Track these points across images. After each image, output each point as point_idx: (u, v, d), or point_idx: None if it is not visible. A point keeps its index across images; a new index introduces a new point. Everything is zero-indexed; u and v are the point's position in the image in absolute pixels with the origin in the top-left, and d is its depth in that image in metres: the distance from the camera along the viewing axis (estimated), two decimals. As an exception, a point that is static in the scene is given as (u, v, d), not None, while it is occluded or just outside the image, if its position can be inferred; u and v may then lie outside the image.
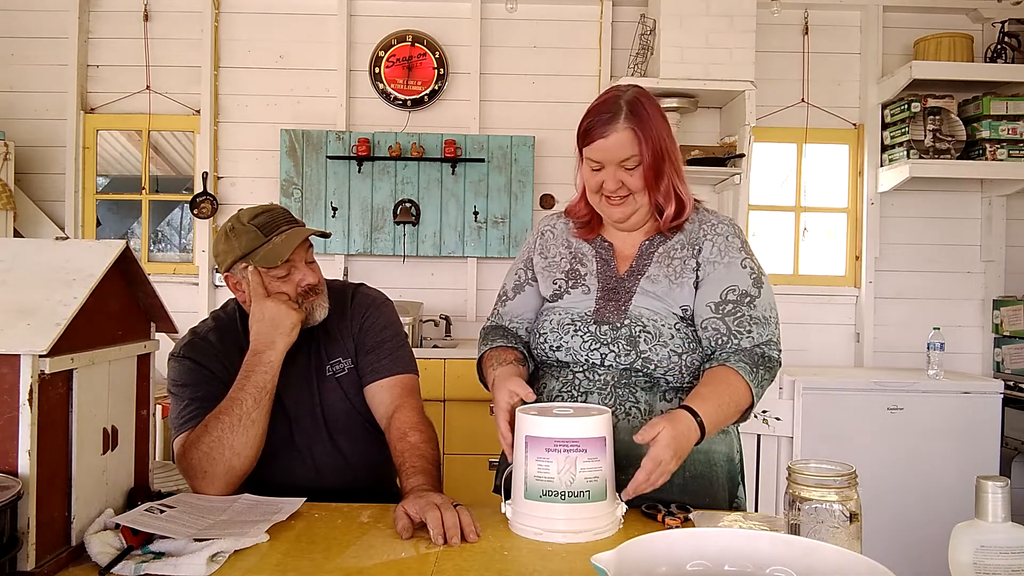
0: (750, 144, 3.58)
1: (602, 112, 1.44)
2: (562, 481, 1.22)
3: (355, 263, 4.00)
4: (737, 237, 1.52)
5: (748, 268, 1.49)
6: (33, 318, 1.06)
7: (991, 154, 3.59)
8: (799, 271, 4.04)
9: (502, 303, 1.65)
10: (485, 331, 1.65)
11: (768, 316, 1.48)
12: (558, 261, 1.59)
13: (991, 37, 3.82)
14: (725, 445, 1.53)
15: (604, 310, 1.49)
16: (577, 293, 1.53)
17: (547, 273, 1.59)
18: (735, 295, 1.46)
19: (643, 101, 1.45)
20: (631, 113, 1.43)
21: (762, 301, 1.48)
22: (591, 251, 1.58)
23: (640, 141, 1.42)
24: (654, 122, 1.44)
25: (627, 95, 1.46)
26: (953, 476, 3.22)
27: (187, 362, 1.59)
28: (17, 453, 1.02)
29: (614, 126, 1.42)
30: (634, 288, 1.49)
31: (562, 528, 1.23)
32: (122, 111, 3.98)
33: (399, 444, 1.50)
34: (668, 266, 1.50)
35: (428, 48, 3.96)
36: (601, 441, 1.25)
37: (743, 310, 1.46)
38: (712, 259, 1.49)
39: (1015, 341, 3.76)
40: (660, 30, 3.59)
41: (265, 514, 1.30)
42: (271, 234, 1.56)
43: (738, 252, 1.50)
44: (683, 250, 1.51)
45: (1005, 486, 0.91)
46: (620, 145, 1.43)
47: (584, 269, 1.55)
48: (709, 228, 1.53)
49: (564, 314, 1.52)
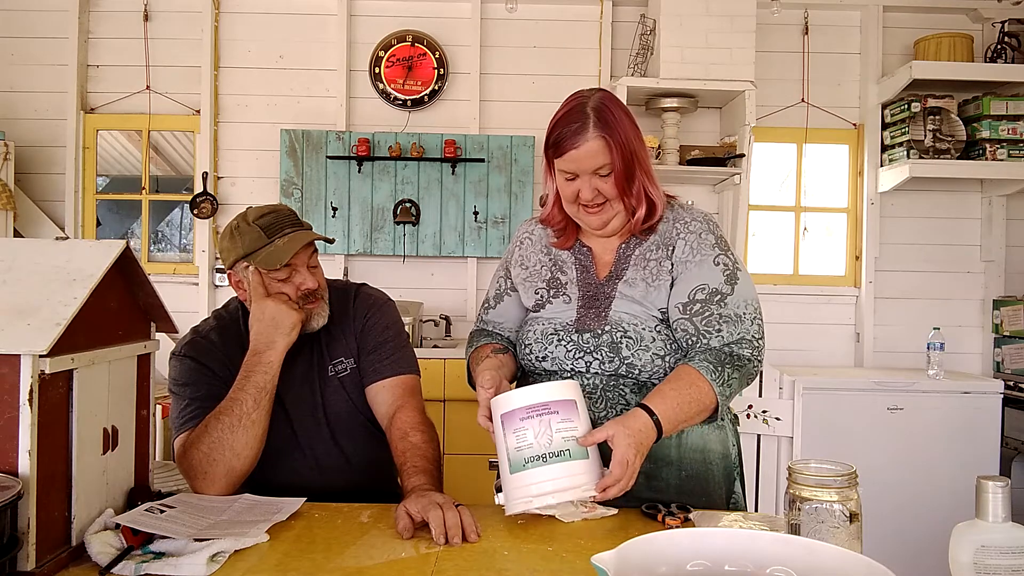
0: (750, 144, 3.58)
1: (570, 122, 1.41)
2: (540, 444, 1.25)
3: (355, 263, 4.00)
4: (711, 233, 1.50)
5: (721, 264, 1.47)
6: (33, 318, 1.06)
7: (991, 154, 3.59)
8: (799, 271, 4.04)
9: (485, 311, 1.68)
10: (470, 336, 1.68)
11: (742, 313, 1.44)
12: (539, 270, 1.58)
13: (991, 37, 3.82)
14: (720, 443, 1.52)
15: (585, 318, 1.49)
16: (559, 302, 1.53)
17: (528, 284, 1.58)
18: (704, 294, 1.45)
19: (609, 106, 1.43)
20: (599, 120, 1.40)
21: (735, 299, 1.45)
22: (570, 257, 1.57)
23: (611, 149, 1.40)
24: (622, 126, 1.42)
25: (592, 101, 1.43)
26: (953, 476, 3.22)
27: (188, 361, 1.59)
28: (17, 453, 1.02)
29: (584, 136, 1.40)
30: (613, 293, 1.49)
31: (550, 489, 1.24)
32: (122, 111, 3.98)
33: (400, 444, 1.50)
34: (644, 268, 1.49)
35: (428, 48, 3.96)
36: (572, 404, 1.29)
37: (712, 309, 1.43)
38: (684, 258, 1.48)
39: (1015, 341, 3.76)
40: (660, 30, 3.59)
41: (265, 514, 1.30)
42: (274, 236, 1.56)
43: (711, 249, 1.48)
44: (658, 251, 1.50)
45: (1005, 486, 0.91)
46: (592, 154, 1.40)
47: (564, 277, 1.55)
48: (682, 226, 1.51)
49: (547, 324, 1.52)
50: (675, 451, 1.46)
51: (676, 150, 3.70)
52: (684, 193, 3.88)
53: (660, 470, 1.46)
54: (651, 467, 1.43)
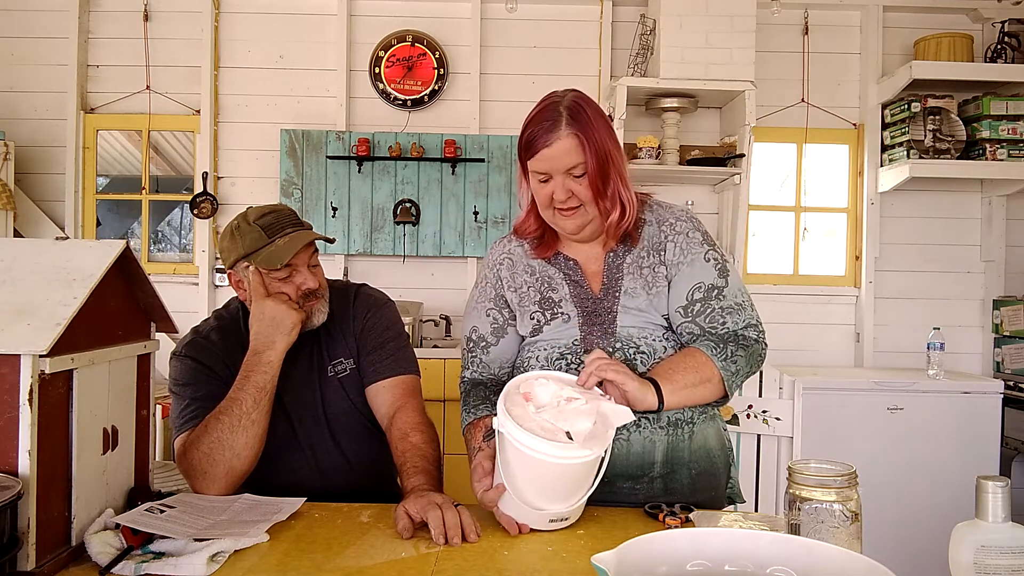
0: (750, 144, 3.58)
1: (542, 120, 1.38)
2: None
3: (355, 263, 4.00)
4: (697, 231, 1.50)
5: (712, 260, 1.47)
6: (33, 318, 1.06)
7: (991, 154, 3.59)
8: (799, 271, 4.04)
9: (483, 351, 1.55)
10: (466, 389, 1.57)
11: (740, 302, 1.46)
12: (527, 291, 1.51)
13: (991, 37, 3.82)
14: (716, 438, 1.53)
15: (590, 336, 1.45)
16: (557, 323, 1.47)
17: (522, 309, 1.51)
18: (701, 292, 1.45)
19: (583, 105, 1.39)
20: (572, 119, 1.37)
21: (730, 289, 1.46)
22: (558, 273, 1.50)
23: (584, 147, 1.36)
24: (596, 125, 1.38)
25: (566, 100, 1.40)
26: (953, 476, 3.22)
27: (189, 361, 1.59)
28: (17, 453, 1.02)
29: (556, 133, 1.36)
30: (615, 307, 1.46)
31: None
32: (122, 111, 3.97)
33: (400, 444, 1.50)
34: (641, 276, 1.47)
35: (428, 48, 3.96)
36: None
37: (712, 304, 1.45)
38: (676, 260, 1.47)
39: (1015, 341, 3.76)
40: (660, 30, 3.59)
41: (265, 514, 1.30)
42: (275, 236, 1.56)
43: (700, 247, 1.48)
44: (650, 257, 1.48)
45: (1005, 486, 0.91)
46: (565, 152, 1.37)
47: (556, 295, 1.49)
48: (668, 228, 1.50)
49: (550, 348, 1.47)
50: (687, 453, 1.47)
51: (676, 150, 3.70)
52: (684, 193, 3.88)
53: (676, 472, 1.46)
54: (668, 471, 1.45)
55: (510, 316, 1.54)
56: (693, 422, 1.46)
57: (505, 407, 1.24)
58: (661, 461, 1.44)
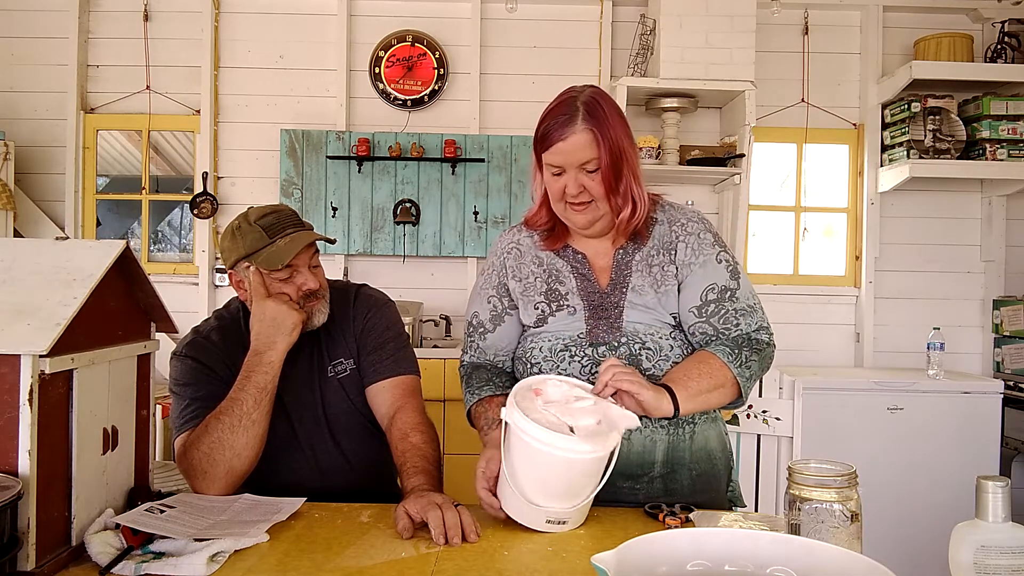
0: (750, 144, 3.58)
1: (559, 114, 1.39)
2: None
3: (355, 263, 4.00)
4: (708, 232, 1.51)
5: (724, 262, 1.48)
6: (33, 318, 1.06)
7: (991, 154, 3.59)
8: (799, 271, 4.04)
9: (480, 336, 1.56)
10: (467, 372, 1.58)
11: (752, 304, 1.48)
12: (533, 282, 1.51)
13: (991, 37, 3.82)
14: (717, 440, 1.53)
15: (597, 329, 1.45)
16: (562, 315, 1.47)
17: (526, 298, 1.51)
18: (715, 293, 1.46)
19: (600, 101, 1.41)
20: (588, 114, 1.38)
21: (742, 291, 1.47)
22: (566, 266, 1.51)
23: (599, 143, 1.37)
24: (611, 122, 1.39)
25: (583, 96, 1.41)
26: (953, 476, 3.22)
27: (189, 361, 1.59)
28: (17, 453, 1.02)
29: (572, 128, 1.38)
30: (621, 302, 1.46)
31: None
32: (122, 111, 3.97)
33: (400, 444, 1.50)
34: (649, 275, 1.47)
35: (428, 48, 3.95)
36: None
37: (726, 306, 1.45)
38: (688, 261, 1.47)
39: (1015, 341, 3.76)
40: (660, 30, 3.59)
41: (265, 514, 1.30)
42: (276, 236, 1.56)
43: (712, 248, 1.49)
44: (660, 255, 1.48)
45: (1005, 486, 0.91)
46: (579, 147, 1.38)
47: (563, 287, 1.49)
48: (680, 228, 1.50)
49: (555, 339, 1.47)
50: (687, 454, 1.47)
51: (676, 150, 3.70)
52: (684, 193, 3.88)
53: (676, 472, 1.46)
54: (668, 471, 1.45)
55: (510, 305, 1.55)
56: (694, 423, 1.47)
57: (515, 400, 1.26)
58: (661, 461, 1.44)
